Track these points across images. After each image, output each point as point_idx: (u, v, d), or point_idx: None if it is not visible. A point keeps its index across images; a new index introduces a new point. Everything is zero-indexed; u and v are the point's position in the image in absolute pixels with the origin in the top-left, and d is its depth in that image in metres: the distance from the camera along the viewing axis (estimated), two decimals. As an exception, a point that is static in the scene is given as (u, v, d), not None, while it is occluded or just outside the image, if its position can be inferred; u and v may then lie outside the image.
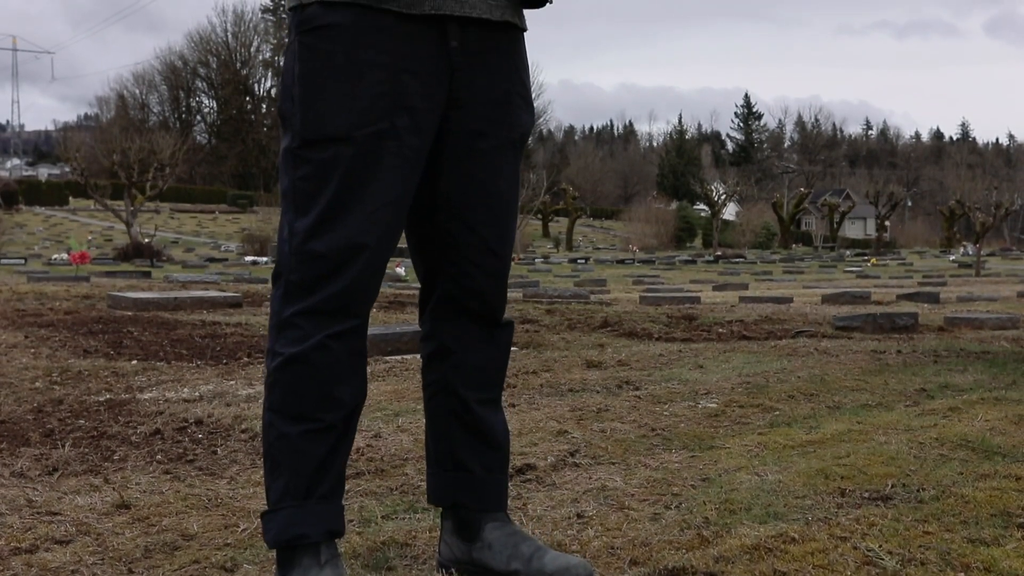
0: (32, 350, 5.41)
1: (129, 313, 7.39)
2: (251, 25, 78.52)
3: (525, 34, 1.94)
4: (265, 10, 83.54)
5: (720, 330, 7.09)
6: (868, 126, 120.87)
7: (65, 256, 22.82)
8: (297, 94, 1.76)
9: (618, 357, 5.30)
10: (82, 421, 3.59)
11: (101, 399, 4.06)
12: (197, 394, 4.14)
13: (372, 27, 1.73)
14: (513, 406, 3.81)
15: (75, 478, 2.84)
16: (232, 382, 4.46)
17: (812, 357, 5.21)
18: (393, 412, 3.66)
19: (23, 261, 22.34)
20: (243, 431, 3.37)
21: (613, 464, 2.91)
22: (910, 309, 11.24)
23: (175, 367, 4.98)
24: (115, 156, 27.69)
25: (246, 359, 5.35)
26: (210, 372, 4.79)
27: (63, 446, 3.18)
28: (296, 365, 1.77)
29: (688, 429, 3.34)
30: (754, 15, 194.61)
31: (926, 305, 12.64)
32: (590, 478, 2.77)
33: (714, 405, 3.80)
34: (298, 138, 1.76)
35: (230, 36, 77.05)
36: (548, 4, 1.89)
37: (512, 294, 12.99)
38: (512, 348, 5.91)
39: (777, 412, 3.61)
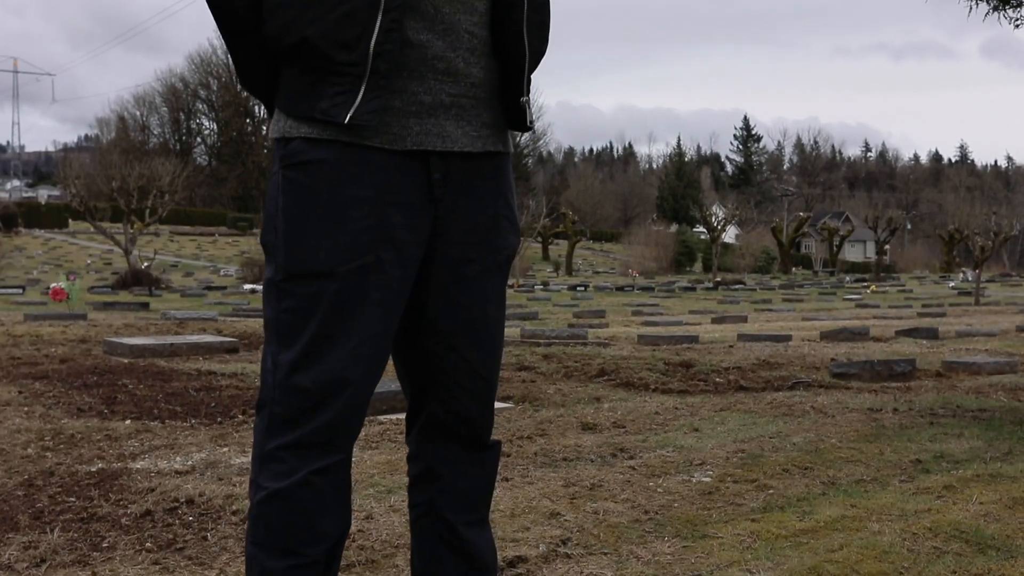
0: (26, 408, 5.39)
1: (125, 360, 7.38)
2: (252, 48, 78.69)
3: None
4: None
5: (717, 379, 7.07)
6: (867, 148, 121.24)
7: (64, 276, 22.84)
8: (281, 228, 1.75)
9: (614, 416, 5.28)
10: (72, 499, 3.57)
11: (93, 469, 4.04)
12: (190, 463, 4.12)
13: (356, 163, 1.73)
14: (507, 480, 3.79)
15: (63, 570, 2.82)
16: (225, 448, 4.44)
17: (808, 417, 5.19)
18: (386, 488, 3.65)
19: (21, 290, 22.31)
20: (234, 513, 3.35)
21: (605, 555, 2.89)
22: (908, 348, 11.23)
23: (169, 428, 4.96)
24: (114, 183, 27.74)
25: (240, 416, 5.33)
26: (204, 435, 4.77)
27: (52, 531, 3.16)
28: (280, 500, 1.76)
29: (681, 512, 3.32)
30: (752, 38, 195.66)
31: (924, 342, 12.62)
32: (581, 572, 2.76)
33: (708, 479, 3.78)
34: (282, 271, 1.76)
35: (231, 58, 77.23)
36: (531, 129, 1.90)
37: (510, 330, 12.95)
38: (508, 403, 5.90)
39: (771, 491, 3.59)
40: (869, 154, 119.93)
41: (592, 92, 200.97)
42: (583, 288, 30.69)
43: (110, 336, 8.81)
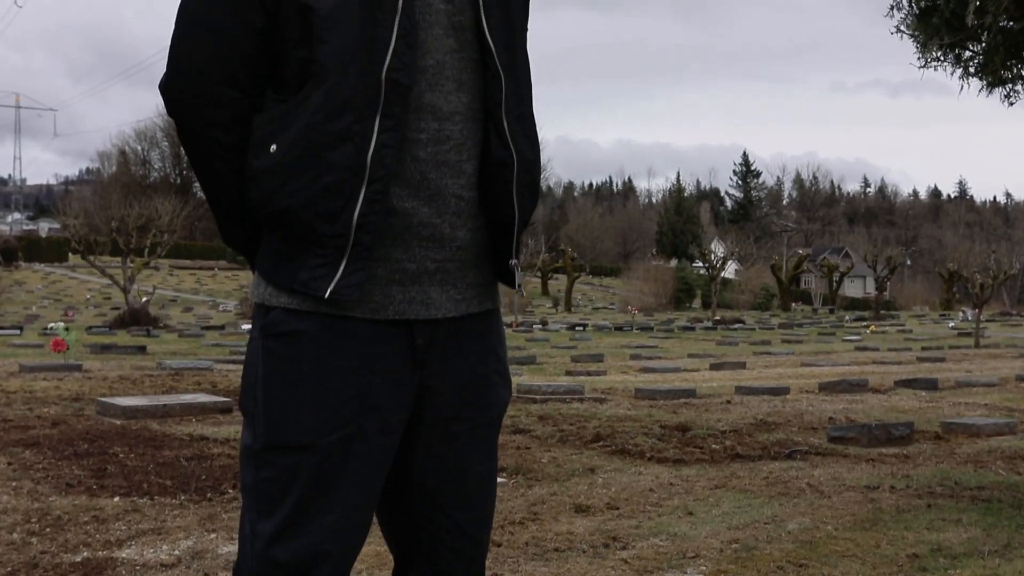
0: (14, 483, 5.34)
1: (118, 422, 7.33)
2: (254, 83, 79.30)
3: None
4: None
5: (714, 445, 7.01)
6: (866, 183, 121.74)
7: (60, 325, 22.78)
8: (261, 398, 1.72)
9: (608, 494, 5.23)
10: (55, 600, 3.51)
11: (78, 559, 3.99)
12: (176, 553, 4.07)
13: (338, 334, 1.69)
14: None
15: None
16: (213, 535, 4.38)
17: (804, 498, 5.13)
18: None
19: (19, 331, 22.25)
20: (218, 618, 3.29)
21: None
22: (907, 402, 11.16)
23: (158, 506, 4.90)
24: (113, 223, 27.76)
25: (231, 492, 5.27)
26: (192, 516, 4.71)
27: (32, 641, 3.11)
28: None
29: (673, 619, 3.27)
30: (748, 73, 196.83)
31: (923, 393, 12.56)
32: None
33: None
34: (261, 440, 1.72)
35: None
36: (520, 289, 1.86)
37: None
38: (502, 475, 5.84)
39: (765, 594, 3.53)
40: (868, 189, 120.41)
41: (591, 127, 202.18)
42: (582, 328, 30.63)
43: (104, 395, 8.77)
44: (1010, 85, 4.76)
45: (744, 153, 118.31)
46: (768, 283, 60.91)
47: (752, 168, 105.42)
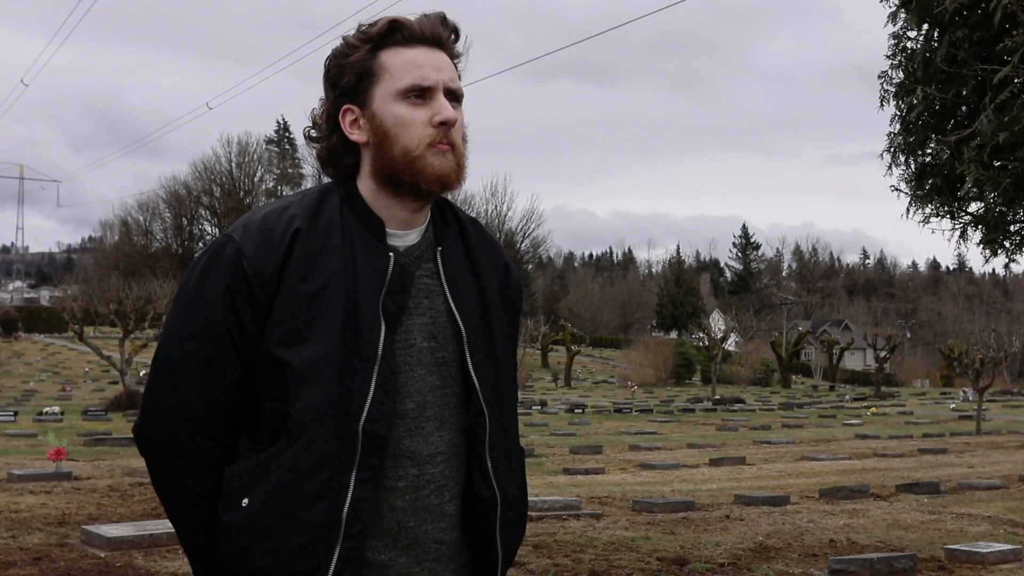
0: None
1: (102, 555, 7.18)
2: (255, 156, 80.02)
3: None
4: (269, 141, 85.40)
5: (711, 584, 6.86)
6: (865, 255, 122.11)
7: (56, 410, 22.74)
8: None
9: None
10: None
11: None
12: None
13: None
14: None
15: None
16: None
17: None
18: None
19: (13, 416, 22.06)
20: None
21: None
22: (909, 515, 10.99)
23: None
24: (112, 306, 27.75)
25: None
26: None
27: None
28: None
29: None
30: (742, 145, 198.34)
31: (926, 499, 12.39)
32: None
33: None
34: None
35: (234, 166, 78.38)
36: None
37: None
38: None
39: None
40: (867, 261, 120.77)
41: (588, 197, 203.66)
42: (580, 410, 30.43)
43: (91, 516, 8.63)
44: (1011, 254, 4.73)
45: (744, 226, 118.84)
46: (768, 358, 60.77)
47: (752, 240, 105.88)
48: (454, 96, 1.69)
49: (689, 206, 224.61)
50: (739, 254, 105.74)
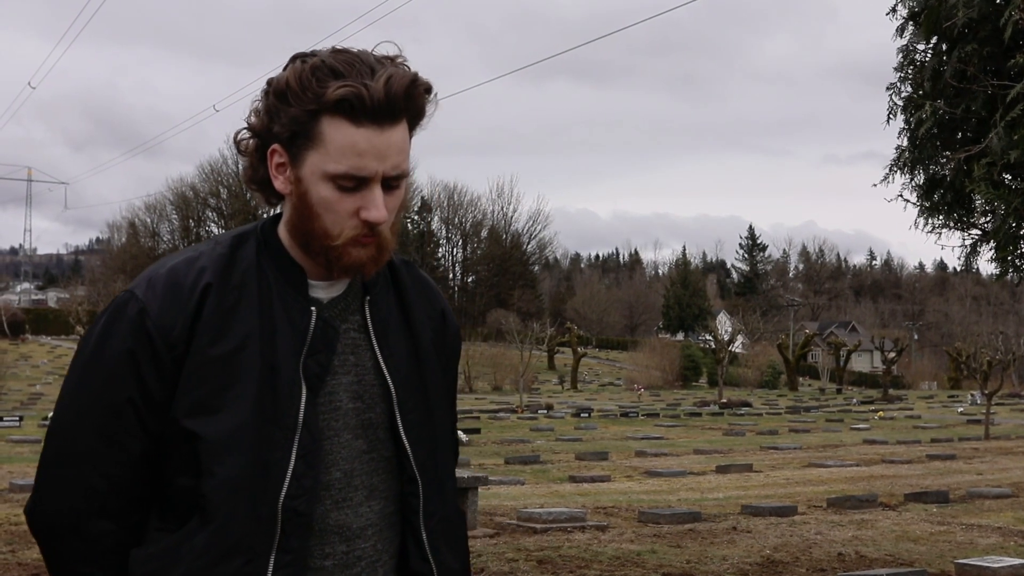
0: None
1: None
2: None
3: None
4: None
5: (718, 602, 6.78)
6: (872, 256, 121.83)
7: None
8: None
9: None
10: None
11: None
12: None
13: None
14: None
15: None
16: None
17: None
18: None
19: (18, 421, 22.06)
20: None
21: None
22: (918, 526, 10.88)
23: None
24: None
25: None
26: None
27: None
28: None
29: None
30: (742, 146, 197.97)
31: (935, 509, 12.29)
32: None
33: None
34: None
35: (241, 167, 78.45)
36: None
37: (508, 488, 12.59)
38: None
39: None
40: (874, 262, 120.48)
41: (588, 198, 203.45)
42: (587, 414, 30.35)
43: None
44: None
45: (751, 227, 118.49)
46: (775, 359, 60.61)
47: (758, 242, 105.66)
48: (397, 180, 1.52)
49: (691, 206, 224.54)
50: (746, 255, 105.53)
